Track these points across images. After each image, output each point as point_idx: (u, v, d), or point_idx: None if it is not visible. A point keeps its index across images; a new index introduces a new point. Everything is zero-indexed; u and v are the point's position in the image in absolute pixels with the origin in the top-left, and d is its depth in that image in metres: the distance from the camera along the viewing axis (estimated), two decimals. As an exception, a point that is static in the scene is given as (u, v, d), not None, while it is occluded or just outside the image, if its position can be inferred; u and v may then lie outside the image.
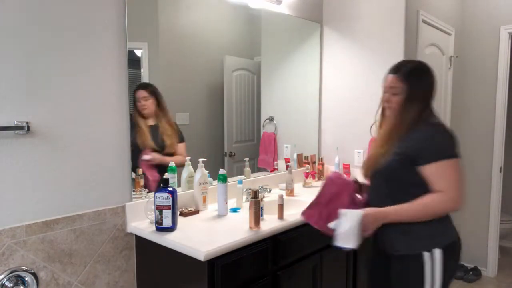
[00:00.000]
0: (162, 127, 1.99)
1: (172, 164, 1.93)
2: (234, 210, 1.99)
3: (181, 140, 2.06)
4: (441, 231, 1.40)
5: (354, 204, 1.46)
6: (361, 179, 1.60)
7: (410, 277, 1.41)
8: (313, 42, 2.82)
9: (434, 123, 1.42)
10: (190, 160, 2.00)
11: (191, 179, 1.99)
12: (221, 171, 1.92)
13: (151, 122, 1.96)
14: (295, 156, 2.74)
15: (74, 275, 1.58)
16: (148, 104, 1.95)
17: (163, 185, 1.65)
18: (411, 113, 1.41)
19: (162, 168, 1.93)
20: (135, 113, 1.89)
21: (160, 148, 1.97)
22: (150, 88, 1.97)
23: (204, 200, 1.95)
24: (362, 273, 2.36)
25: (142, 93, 1.93)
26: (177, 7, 1.97)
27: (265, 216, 1.82)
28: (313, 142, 2.91)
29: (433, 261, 1.36)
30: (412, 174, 1.38)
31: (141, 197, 1.81)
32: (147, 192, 1.83)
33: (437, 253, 1.36)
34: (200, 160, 1.96)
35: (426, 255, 1.37)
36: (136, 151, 1.85)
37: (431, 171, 1.35)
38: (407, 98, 1.42)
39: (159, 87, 1.92)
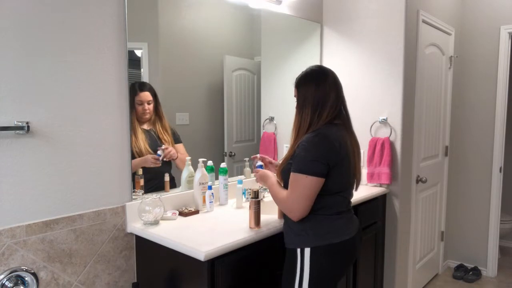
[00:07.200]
0: (158, 132, 1.89)
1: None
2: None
3: (178, 141, 2.00)
4: (314, 232, 1.47)
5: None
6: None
7: (287, 268, 1.55)
8: (313, 42, 2.82)
9: (315, 131, 1.45)
10: (190, 160, 2.00)
11: (191, 179, 1.99)
12: (222, 165, 2.01)
13: (145, 127, 1.85)
14: (295, 156, 2.74)
15: (74, 275, 1.58)
16: (150, 108, 1.82)
17: None
18: (303, 119, 1.49)
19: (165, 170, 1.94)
20: (133, 117, 1.75)
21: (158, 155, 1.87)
22: (152, 90, 1.82)
23: (204, 200, 1.95)
24: (363, 272, 2.36)
25: (147, 96, 1.79)
26: (177, 7, 1.97)
27: (265, 216, 1.83)
28: (313, 142, 2.90)
29: (303, 257, 1.47)
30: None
31: (141, 198, 1.80)
32: (142, 194, 1.82)
33: (306, 251, 1.47)
34: (200, 160, 1.96)
35: (297, 251, 1.49)
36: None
37: (291, 178, 1.46)
38: (299, 105, 1.52)
39: (159, 87, 1.91)
